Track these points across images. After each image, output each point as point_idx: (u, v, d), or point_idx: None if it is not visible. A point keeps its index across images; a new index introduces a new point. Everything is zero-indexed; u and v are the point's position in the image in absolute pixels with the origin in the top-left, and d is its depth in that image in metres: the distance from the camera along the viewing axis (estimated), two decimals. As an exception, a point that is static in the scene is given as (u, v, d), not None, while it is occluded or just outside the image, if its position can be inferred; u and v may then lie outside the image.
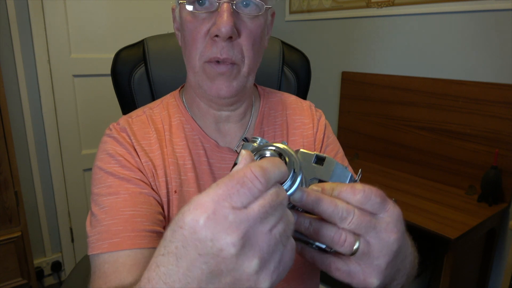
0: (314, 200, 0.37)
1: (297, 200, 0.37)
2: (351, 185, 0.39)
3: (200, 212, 0.30)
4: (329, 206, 0.37)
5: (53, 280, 2.18)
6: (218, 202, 0.30)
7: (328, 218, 0.38)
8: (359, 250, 0.38)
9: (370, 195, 0.38)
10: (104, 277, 0.53)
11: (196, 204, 0.31)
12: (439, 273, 1.41)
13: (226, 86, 0.62)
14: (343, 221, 0.38)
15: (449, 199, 1.60)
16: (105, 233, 0.56)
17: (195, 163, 0.67)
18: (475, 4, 1.60)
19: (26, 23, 1.84)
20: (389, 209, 0.39)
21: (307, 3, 2.33)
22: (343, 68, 2.20)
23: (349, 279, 0.41)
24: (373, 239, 0.39)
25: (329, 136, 0.78)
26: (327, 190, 0.39)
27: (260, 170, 0.32)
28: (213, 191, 0.31)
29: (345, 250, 0.38)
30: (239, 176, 0.31)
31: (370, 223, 0.38)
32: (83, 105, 2.09)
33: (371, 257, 0.39)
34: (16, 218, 1.66)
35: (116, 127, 0.67)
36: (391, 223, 0.39)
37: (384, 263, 0.39)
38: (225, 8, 0.57)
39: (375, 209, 0.39)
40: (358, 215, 0.38)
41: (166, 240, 0.32)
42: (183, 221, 0.31)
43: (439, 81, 1.75)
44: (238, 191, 0.31)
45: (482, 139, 1.63)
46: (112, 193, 0.59)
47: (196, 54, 0.62)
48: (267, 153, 0.37)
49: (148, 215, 0.59)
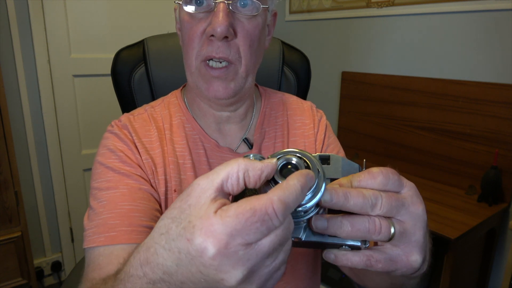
0: (342, 196, 0.35)
1: (328, 201, 0.35)
2: (367, 171, 0.38)
3: (211, 242, 0.29)
4: (358, 197, 0.36)
5: (53, 280, 2.18)
6: (232, 237, 0.29)
7: (359, 210, 0.36)
8: (396, 232, 0.37)
9: (388, 174, 0.37)
10: (98, 270, 0.54)
11: (210, 231, 0.29)
12: (439, 273, 1.41)
13: (223, 88, 0.62)
14: (374, 208, 0.36)
15: (449, 199, 1.60)
16: (102, 227, 0.57)
17: (195, 163, 0.67)
18: (475, 4, 1.60)
19: (26, 23, 1.84)
20: (407, 183, 0.39)
21: (307, 3, 2.33)
22: (343, 68, 2.20)
23: (393, 266, 0.39)
24: (405, 216, 0.38)
25: (329, 136, 0.78)
26: (345, 184, 0.37)
27: (283, 207, 0.30)
28: (231, 222, 0.29)
29: (383, 237, 0.37)
30: (261, 212, 0.29)
31: (398, 201, 0.37)
32: (83, 105, 2.09)
33: (408, 235, 0.38)
34: (16, 218, 1.66)
35: (118, 123, 0.68)
36: (414, 196, 0.39)
37: (421, 236, 0.39)
38: (221, 8, 0.57)
39: (396, 187, 0.38)
40: (386, 197, 0.36)
41: (169, 235, 0.32)
42: (192, 236, 0.30)
43: (439, 81, 1.75)
44: (256, 228, 0.29)
45: (482, 139, 1.63)
46: (111, 187, 0.60)
47: (193, 53, 0.62)
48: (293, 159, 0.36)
49: (146, 211, 0.59)
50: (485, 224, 1.45)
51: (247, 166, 0.33)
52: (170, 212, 0.33)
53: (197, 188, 0.32)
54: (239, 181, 0.33)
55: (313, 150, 0.75)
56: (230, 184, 0.32)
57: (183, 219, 0.31)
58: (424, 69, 1.83)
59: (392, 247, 0.39)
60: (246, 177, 0.33)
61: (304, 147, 0.74)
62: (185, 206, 0.32)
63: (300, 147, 0.74)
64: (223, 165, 0.33)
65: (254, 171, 0.33)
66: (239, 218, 0.29)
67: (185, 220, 0.31)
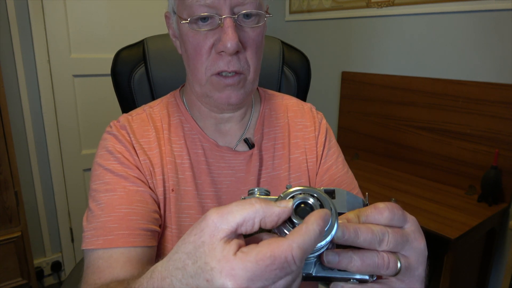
0: (353, 232, 0.36)
1: (340, 237, 0.36)
2: (373, 206, 0.39)
3: (232, 285, 0.30)
4: (368, 233, 0.37)
5: (53, 280, 2.18)
6: (252, 281, 0.30)
7: (368, 246, 0.37)
8: (402, 267, 0.38)
9: (394, 210, 0.38)
10: (98, 272, 0.55)
11: (231, 274, 0.30)
12: (439, 273, 1.41)
13: (235, 95, 0.63)
14: (382, 244, 0.37)
15: (449, 199, 1.60)
16: (100, 229, 0.57)
17: (193, 162, 0.67)
18: (475, 4, 1.60)
19: (26, 23, 1.84)
20: (409, 218, 0.40)
21: (307, 3, 2.33)
22: (343, 68, 2.20)
23: None
24: (409, 251, 0.39)
25: (330, 140, 0.78)
26: (352, 219, 0.38)
27: (302, 254, 0.31)
28: (252, 267, 0.30)
29: (390, 272, 0.38)
30: (281, 260, 0.30)
31: (403, 237, 0.38)
32: (83, 105, 2.09)
33: (412, 270, 0.39)
34: (16, 218, 1.66)
35: (117, 124, 0.68)
36: (416, 231, 0.40)
37: (422, 271, 0.40)
38: (229, 23, 0.57)
39: (400, 222, 0.39)
40: (392, 233, 0.38)
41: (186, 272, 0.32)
42: (211, 277, 0.30)
43: (439, 81, 1.75)
44: (275, 274, 0.30)
45: (482, 139, 1.63)
46: (109, 190, 0.60)
47: (202, 68, 0.62)
48: (310, 200, 0.36)
49: (143, 214, 0.60)
50: (485, 224, 1.45)
51: (264, 212, 0.33)
52: (184, 246, 0.33)
53: (211, 225, 0.32)
54: (255, 226, 0.33)
55: (314, 152, 0.75)
56: (245, 228, 0.33)
57: (198, 258, 0.31)
58: (424, 69, 1.83)
59: (397, 281, 0.40)
60: (262, 223, 0.33)
61: (305, 149, 0.75)
62: (199, 242, 0.32)
63: (300, 149, 0.74)
64: (238, 204, 0.33)
65: (271, 218, 0.33)
66: (259, 265, 0.30)
67: (200, 259, 0.31)
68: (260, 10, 0.61)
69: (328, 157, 0.75)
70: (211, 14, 0.58)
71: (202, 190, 0.67)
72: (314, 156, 0.75)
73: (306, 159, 0.74)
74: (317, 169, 0.75)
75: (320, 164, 0.75)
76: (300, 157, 0.74)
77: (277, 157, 0.72)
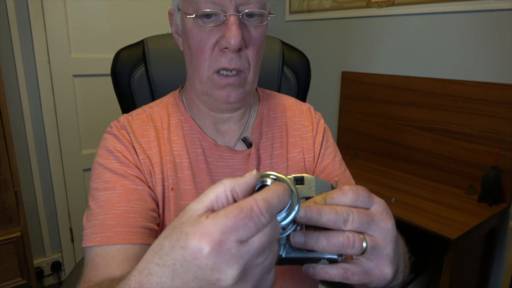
0: (316, 212, 0.38)
1: (302, 217, 0.38)
2: (338, 189, 0.41)
3: (206, 241, 0.30)
4: (331, 213, 0.39)
5: (53, 280, 2.18)
6: (225, 235, 0.31)
7: (332, 226, 0.39)
8: (368, 246, 0.40)
9: (358, 191, 0.41)
10: (95, 269, 0.55)
11: (203, 232, 0.31)
12: (439, 273, 1.41)
13: (234, 94, 0.64)
14: (346, 223, 0.39)
15: (449, 199, 1.60)
16: (98, 227, 0.58)
17: (192, 162, 0.68)
18: (475, 4, 1.60)
19: (26, 23, 1.84)
20: (376, 200, 0.42)
21: (307, 3, 2.33)
22: (343, 68, 2.20)
23: (368, 279, 0.42)
24: (375, 231, 0.41)
25: (328, 139, 0.79)
26: (319, 202, 0.41)
27: (266, 205, 0.32)
28: (222, 221, 0.31)
29: (356, 251, 0.40)
30: (247, 209, 0.31)
31: (368, 217, 0.40)
32: (83, 105, 2.09)
33: (380, 249, 0.41)
34: (16, 218, 1.66)
35: (117, 124, 0.69)
36: (384, 212, 0.42)
37: (391, 250, 0.42)
38: (233, 21, 0.59)
39: (365, 203, 0.41)
40: (356, 213, 0.40)
41: (163, 251, 0.32)
42: (186, 242, 0.31)
43: (439, 81, 1.75)
44: (245, 224, 0.31)
45: (482, 139, 1.63)
46: (109, 188, 0.61)
47: (205, 65, 0.63)
48: (268, 181, 0.38)
49: (142, 212, 0.60)
50: (485, 224, 1.45)
51: (232, 184, 0.34)
52: (163, 233, 0.34)
53: (189, 210, 0.34)
54: (228, 199, 0.34)
55: (311, 152, 0.76)
56: (221, 203, 0.34)
57: (176, 233, 0.32)
58: (424, 69, 1.83)
59: (366, 261, 0.42)
60: (235, 194, 0.34)
61: (302, 148, 0.75)
62: (177, 224, 0.33)
63: (298, 148, 0.75)
64: (210, 187, 0.35)
65: (240, 186, 0.35)
66: (228, 216, 0.31)
67: (177, 233, 0.32)
68: (264, 10, 0.62)
69: (325, 157, 0.76)
70: (216, 10, 0.59)
71: (201, 189, 0.67)
72: (311, 155, 0.76)
73: (303, 158, 0.75)
74: (314, 168, 0.76)
75: (317, 163, 0.76)
76: (298, 156, 0.75)
77: (275, 156, 0.73)
